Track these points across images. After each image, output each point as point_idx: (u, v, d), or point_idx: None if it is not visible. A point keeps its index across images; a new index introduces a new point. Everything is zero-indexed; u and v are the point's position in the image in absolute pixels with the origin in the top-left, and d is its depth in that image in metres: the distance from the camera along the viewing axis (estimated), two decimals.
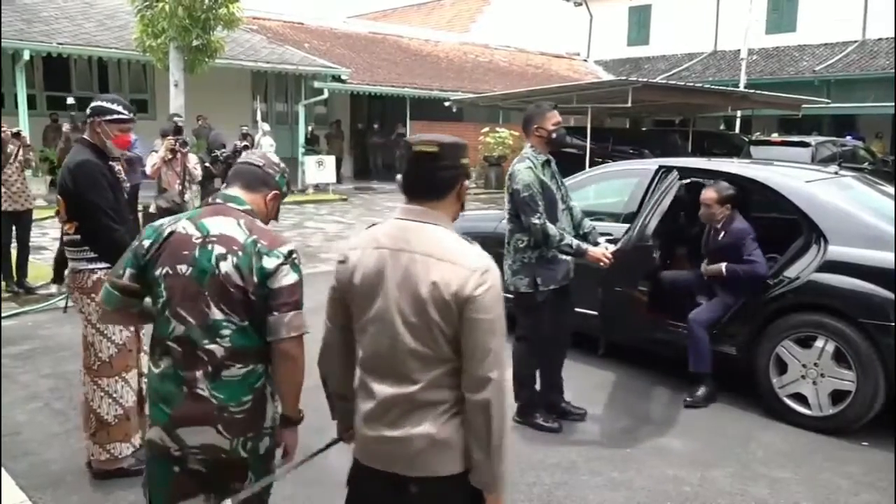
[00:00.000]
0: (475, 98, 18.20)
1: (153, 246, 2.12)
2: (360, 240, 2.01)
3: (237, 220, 2.13)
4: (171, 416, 2.08)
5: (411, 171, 1.96)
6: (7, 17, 15.28)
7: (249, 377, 2.10)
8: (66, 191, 3.43)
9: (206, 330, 2.06)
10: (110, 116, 3.45)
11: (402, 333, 1.87)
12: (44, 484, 3.62)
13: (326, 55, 19.97)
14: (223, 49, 12.30)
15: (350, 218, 14.05)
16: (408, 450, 1.89)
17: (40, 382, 5.01)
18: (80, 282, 3.46)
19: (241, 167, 2.25)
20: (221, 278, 2.05)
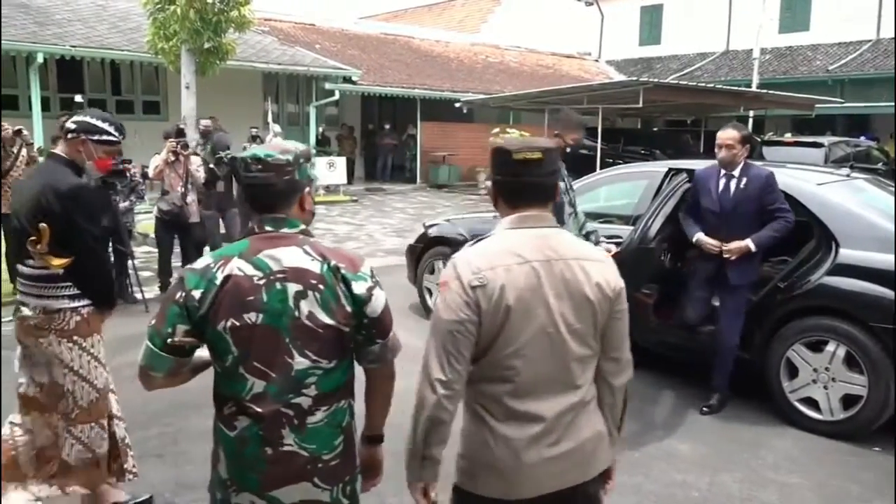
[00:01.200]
0: (486, 99, 18.19)
1: (206, 296, 1.78)
2: (488, 258, 1.84)
3: (301, 248, 1.84)
4: (260, 482, 1.83)
5: (518, 178, 1.89)
6: (21, 20, 15.43)
7: (336, 416, 1.88)
8: (55, 218, 2.87)
9: (290, 383, 1.80)
10: (100, 137, 3.05)
11: (568, 342, 1.87)
12: None
13: (337, 56, 20.01)
14: (234, 51, 12.36)
15: (360, 219, 14.08)
16: (582, 456, 1.92)
17: None
18: (60, 323, 2.99)
19: (255, 193, 1.87)
20: (304, 319, 1.79)
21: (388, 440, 2.11)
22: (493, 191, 1.98)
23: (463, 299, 1.81)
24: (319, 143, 18.91)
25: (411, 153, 21.36)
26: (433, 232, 7.03)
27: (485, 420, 1.89)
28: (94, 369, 3.10)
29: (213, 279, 1.78)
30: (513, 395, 1.86)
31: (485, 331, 1.83)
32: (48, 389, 3.07)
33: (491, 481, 1.89)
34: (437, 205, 16.60)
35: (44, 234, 2.86)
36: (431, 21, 31.25)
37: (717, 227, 4.49)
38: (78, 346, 3.03)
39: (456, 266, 1.86)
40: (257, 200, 1.87)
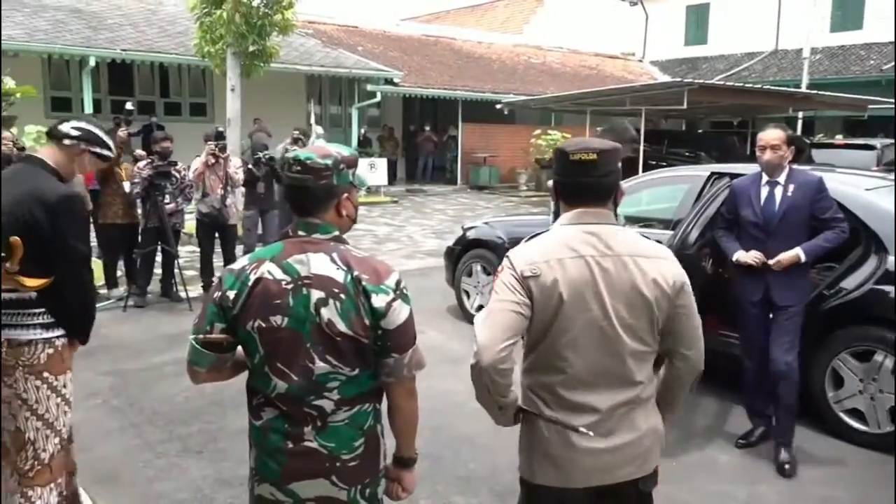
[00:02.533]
0: (527, 100, 18.11)
1: (239, 297, 1.84)
2: (542, 251, 1.92)
3: (329, 255, 1.85)
4: (281, 473, 1.88)
5: (573, 178, 1.96)
6: (75, 25, 15.91)
7: (358, 418, 1.89)
8: (37, 231, 2.46)
9: (311, 385, 1.84)
10: (100, 150, 2.75)
11: (622, 336, 1.91)
12: (100, 479, 3.76)
13: (379, 58, 20.15)
14: (278, 54, 12.54)
15: (400, 220, 14.16)
16: (637, 451, 1.96)
17: (99, 380, 5.19)
18: (30, 357, 2.55)
19: (293, 194, 1.90)
20: (324, 326, 1.81)
21: (424, 443, 2.12)
22: (554, 190, 2.06)
23: (514, 286, 1.90)
24: (361, 145, 19.08)
25: (452, 154, 21.39)
26: (471, 234, 7.04)
27: (538, 407, 1.97)
28: (63, 415, 2.65)
29: (246, 281, 1.84)
30: (565, 385, 1.92)
31: (537, 319, 1.90)
32: (13, 436, 2.63)
33: (546, 470, 1.96)
34: (478, 206, 16.60)
35: (15, 250, 2.41)
36: (473, 22, 31.26)
37: (760, 242, 3.97)
38: (47, 386, 2.58)
39: (511, 257, 1.95)
40: (295, 201, 1.91)
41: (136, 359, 5.66)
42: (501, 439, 4.32)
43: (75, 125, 2.69)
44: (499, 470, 3.87)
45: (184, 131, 13.14)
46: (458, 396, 4.88)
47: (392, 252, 10.63)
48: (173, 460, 4.00)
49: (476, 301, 6.81)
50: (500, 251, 6.62)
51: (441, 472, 3.85)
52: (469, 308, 6.87)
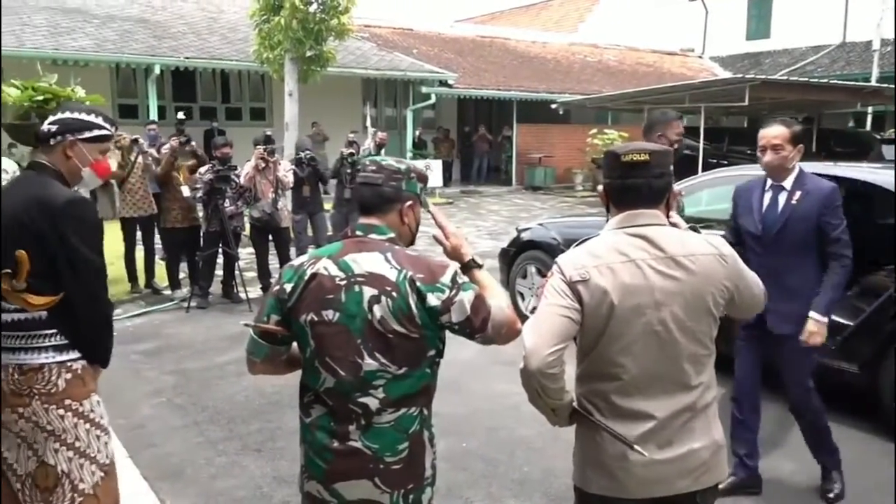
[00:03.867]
0: (583, 99, 17.90)
1: (294, 290, 1.91)
2: (591, 256, 1.90)
3: (383, 254, 1.89)
4: (326, 471, 1.92)
5: (624, 179, 1.94)
6: (141, 35, 16.47)
7: (403, 421, 1.90)
8: (42, 242, 2.20)
9: (358, 382, 1.87)
10: (90, 133, 2.39)
11: (679, 340, 1.88)
12: (164, 475, 3.88)
13: (434, 60, 20.23)
14: (335, 58, 12.71)
15: (455, 221, 14.14)
16: (696, 462, 1.91)
17: (164, 379, 5.35)
18: (44, 384, 2.26)
19: (362, 191, 1.98)
20: (376, 323, 1.85)
21: (479, 444, 2.12)
22: (604, 192, 2.03)
23: (564, 291, 1.87)
24: (416, 147, 19.20)
25: (507, 155, 21.33)
26: (526, 236, 6.99)
27: (592, 415, 1.93)
28: (96, 440, 2.35)
29: (303, 275, 1.92)
30: (620, 392, 1.89)
31: (589, 326, 1.87)
32: (35, 477, 2.29)
33: (600, 479, 1.92)
34: (533, 207, 16.50)
35: (21, 265, 2.17)
36: (528, 22, 31.09)
37: (759, 256, 3.38)
38: (72, 413, 2.29)
39: (560, 263, 1.94)
40: (363, 199, 1.99)
41: (199, 358, 5.82)
42: (557, 443, 4.29)
43: (52, 119, 2.37)
44: (554, 474, 3.83)
45: (244, 136, 13.42)
46: (514, 398, 4.86)
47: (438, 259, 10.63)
48: (234, 458, 4.09)
49: (531, 303, 6.76)
50: (554, 253, 6.55)
51: (496, 475, 3.83)
52: (524, 310, 6.82)
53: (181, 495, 3.70)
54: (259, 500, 3.64)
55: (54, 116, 2.39)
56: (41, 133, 2.37)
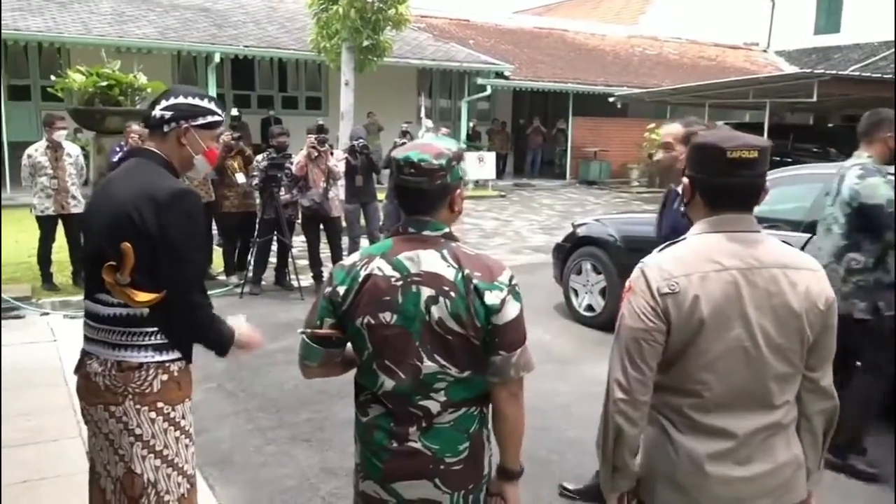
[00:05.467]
0: (642, 93, 17.56)
1: (349, 293, 1.82)
2: (681, 264, 1.73)
3: (439, 252, 1.80)
4: (384, 471, 1.86)
5: (727, 177, 1.75)
6: (202, 24, 16.76)
7: (463, 421, 1.84)
8: (147, 236, 2.08)
9: (418, 385, 1.80)
10: (204, 119, 2.25)
11: (767, 357, 1.72)
12: (214, 461, 3.89)
13: (490, 51, 20.07)
14: (391, 48, 12.71)
15: (507, 215, 14.04)
16: (776, 481, 1.79)
17: (215, 364, 5.35)
18: (140, 384, 2.14)
19: (405, 196, 1.85)
20: (434, 325, 1.77)
21: (529, 444, 2.03)
22: (690, 189, 1.82)
23: (650, 306, 1.70)
24: (470, 138, 19.10)
25: (561, 148, 21.06)
26: (582, 231, 6.84)
27: (667, 431, 1.78)
28: (185, 449, 2.23)
29: (356, 276, 1.83)
30: (699, 408, 1.75)
31: (674, 341, 1.71)
32: (123, 484, 2.19)
33: (673, 496, 1.79)
34: (587, 202, 16.24)
35: (126, 258, 2.06)
36: (587, 13, 30.61)
37: None
38: (163, 418, 2.17)
39: (645, 271, 1.75)
40: (407, 203, 1.87)
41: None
42: None
43: (165, 105, 2.22)
44: None
45: (300, 125, 13.58)
46: (565, 398, 4.75)
47: (499, 247, 10.55)
48: (282, 447, 4.09)
49: (584, 300, 6.62)
50: (611, 249, 6.41)
51: (546, 477, 3.73)
52: (577, 307, 6.68)
53: (230, 482, 3.71)
54: (307, 492, 3.62)
55: (166, 102, 2.23)
56: (152, 120, 2.23)
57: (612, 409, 1.74)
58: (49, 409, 4.34)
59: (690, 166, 1.83)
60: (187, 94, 2.25)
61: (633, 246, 6.24)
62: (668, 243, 1.82)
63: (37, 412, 4.30)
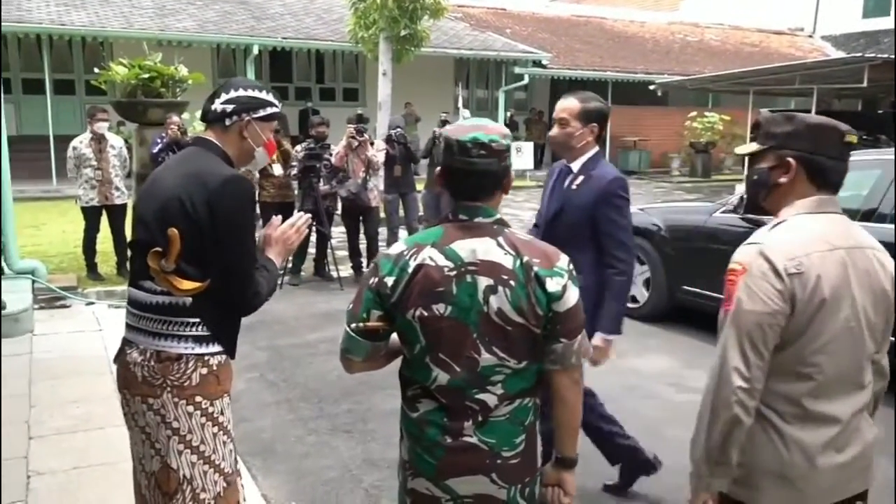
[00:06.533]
0: (683, 80, 17.18)
1: (398, 284, 1.73)
2: (801, 243, 1.68)
3: (495, 239, 1.73)
4: (437, 467, 1.78)
5: (842, 160, 1.75)
6: (241, 16, 16.89)
7: (518, 413, 1.78)
8: (197, 223, 2.03)
9: (475, 378, 1.73)
10: (264, 111, 2.22)
11: (865, 337, 1.73)
12: (256, 450, 3.90)
13: (528, 40, 19.88)
14: (429, 38, 12.63)
15: None
16: (865, 462, 1.81)
17: (257, 354, 5.42)
18: (179, 376, 2.08)
19: (475, 177, 1.74)
20: (493, 315, 1.70)
21: None
22: (796, 169, 1.75)
23: (776, 288, 1.63)
24: (508, 128, 18.91)
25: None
26: None
27: (771, 422, 1.72)
28: (223, 446, 2.16)
29: (406, 267, 1.73)
30: (811, 394, 1.70)
31: (793, 324, 1.66)
32: (158, 479, 2.13)
33: (779, 491, 1.73)
34: None
35: (173, 244, 2.00)
36: (625, 0, 30.11)
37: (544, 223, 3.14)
38: (201, 412, 2.10)
39: (765, 252, 1.67)
40: (468, 186, 1.76)
41: (291, 335, 5.87)
42: (656, 441, 4.07)
43: (225, 98, 2.17)
44: (657, 475, 3.62)
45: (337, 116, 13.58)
46: (609, 391, 4.64)
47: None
48: (324, 438, 4.08)
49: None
50: (655, 239, 6.27)
51: (590, 472, 3.65)
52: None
53: (272, 472, 3.70)
54: (348, 483, 3.60)
55: (227, 95, 2.17)
56: (213, 113, 2.18)
57: (732, 398, 1.66)
58: (95, 398, 4.40)
59: (802, 145, 1.75)
60: (246, 86, 2.22)
61: (679, 235, 6.11)
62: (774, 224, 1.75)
63: (84, 400, 4.36)
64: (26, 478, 3.44)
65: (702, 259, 5.88)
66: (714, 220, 5.83)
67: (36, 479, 3.44)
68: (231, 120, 2.17)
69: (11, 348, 5.26)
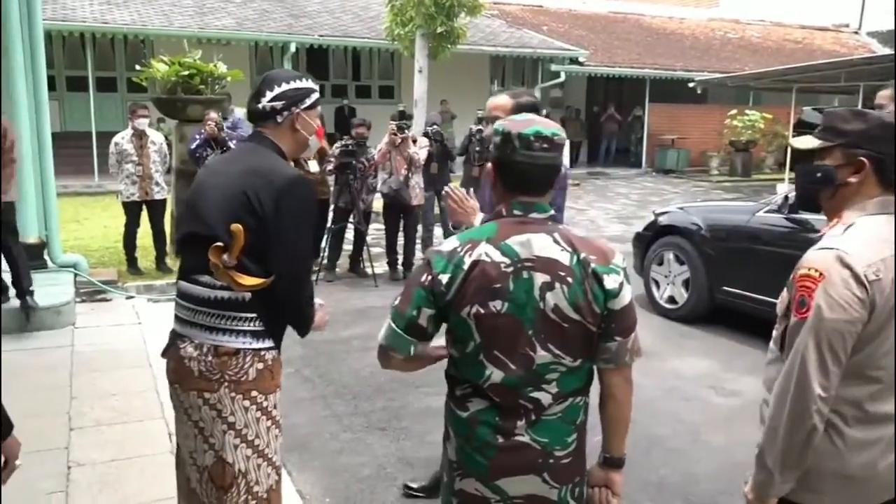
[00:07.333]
0: (724, 78, 16.89)
1: (453, 281, 1.69)
2: (874, 248, 1.66)
3: (550, 235, 1.71)
4: (488, 467, 1.75)
5: None
6: (279, 14, 17.02)
7: (570, 412, 1.76)
8: (262, 220, 2.03)
9: (530, 376, 1.70)
10: (310, 100, 2.21)
11: None
12: (291, 446, 3.88)
13: (564, 37, 19.71)
14: (465, 35, 12.59)
15: (582, 204, 13.76)
16: None
17: (293, 349, 5.40)
18: (237, 371, 2.08)
19: (540, 171, 1.72)
20: (549, 312, 1.68)
21: None
22: (862, 168, 1.70)
23: (857, 296, 1.60)
24: None
25: (637, 136, 20.51)
26: (664, 220, 6.59)
27: (835, 425, 1.70)
28: (275, 440, 2.18)
29: (461, 264, 1.70)
30: (873, 397, 1.70)
31: (868, 329, 1.64)
32: (212, 473, 2.12)
33: (842, 493, 1.73)
34: (664, 191, 15.78)
35: (236, 240, 2.00)
36: None
37: None
38: (256, 406, 2.11)
39: (844, 258, 1.63)
40: (527, 180, 1.73)
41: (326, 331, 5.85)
42: (698, 446, 3.99)
43: (272, 95, 2.15)
44: (695, 479, 3.55)
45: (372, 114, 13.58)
46: (647, 393, 4.56)
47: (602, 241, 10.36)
48: (358, 435, 4.07)
49: (666, 291, 6.38)
50: (696, 239, 6.15)
51: (630, 476, 3.55)
52: (658, 299, 6.45)
53: (307, 468, 3.70)
54: (383, 481, 3.58)
55: (272, 92, 2.15)
56: (261, 112, 2.17)
57: (812, 408, 1.63)
58: (134, 391, 4.45)
59: (877, 145, 1.70)
60: (288, 78, 2.20)
61: (721, 235, 5.98)
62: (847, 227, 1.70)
63: (123, 393, 4.41)
64: (67, 468, 3.49)
65: (744, 259, 5.75)
66: (757, 219, 5.69)
67: (76, 470, 3.48)
68: (282, 116, 2.16)
69: (54, 340, 5.36)
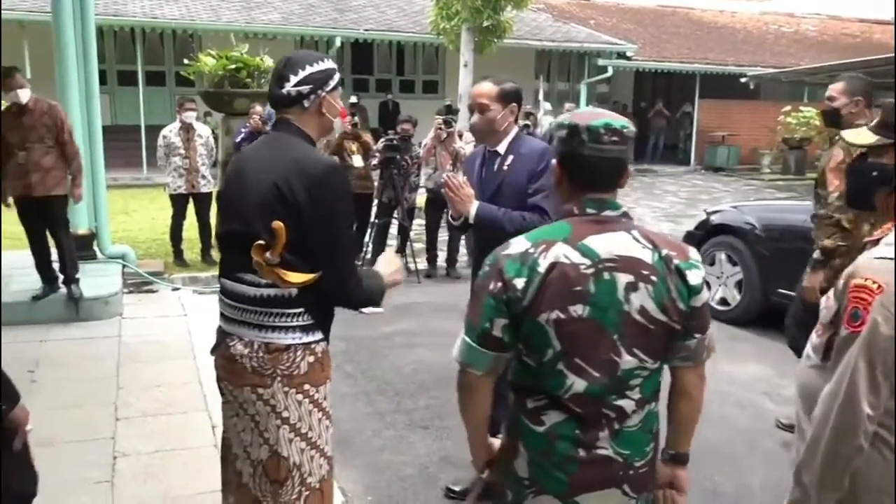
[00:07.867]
0: (778, 73, 16.41)
1: (529, 286, 1.59)
2: None
3: (629, 233, 1.63)
4: (569, 483, 1.66)
5: None
6: (325, 9, 17.12)
7: (648, 420, 1.69)
8: (300, 214, 2.00)
9: (614, 383, 1.62)
10: (333, 82, 2.16)
11: None
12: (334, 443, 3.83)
13: (612, 31, 19.42)
14: (511, 29, 12.48)
15: (629, 202, 13.53)
16: None
17: (335, 344, 5.28)
18: (289, 366, 2.09)
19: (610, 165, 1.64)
20: (635, 314, 1.59)
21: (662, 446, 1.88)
22: None
23: None
24: None
25: (685, 133, 20.10)
26: (716, 219, 6.38)
27: (883, 438, 1.67)
28: (326, 430, 2.19)
29: (536, 266, 1.59)
30: None
31: None
32: (266, 467, 2.13)
33: None
34: (713, 189, 15.42)
35: (278, 237, 1.97)
36: None
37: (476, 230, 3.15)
38: (309, 400, 2.13)
39: None
40: (598, 175, 1.65)
41: (367, 327, 5.84)
42: (753, 454, 3.84)
43: (296, 80, 2.09)
44: (750, 489, 3.41)
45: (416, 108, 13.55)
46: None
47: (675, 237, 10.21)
48: (401, 432, 4.01)
49: (718, 293, 6.18)
50: (750, 239, 5.94)
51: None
52: (709, 300, 6.24)
53: (349, 465, 3.66)
54: (425, 481, 3.51)
55: (297, 77, 2.09)
56: (287, 98, 2.11)
57: (860, 428, 1.58)
58: (178, 382, 4.47)
59: None
60: (311, 60, 2.13)
61: (775, 235, 5.77)
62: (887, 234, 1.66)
63: (167, 384, 4.44)
64: (112, 458, 3.51)
65: (800, 261, 5.52)
66: None
67: (122, 461, 3.50)
68: (309, 101, 2.11)
69: (102, 330, 5.43)
